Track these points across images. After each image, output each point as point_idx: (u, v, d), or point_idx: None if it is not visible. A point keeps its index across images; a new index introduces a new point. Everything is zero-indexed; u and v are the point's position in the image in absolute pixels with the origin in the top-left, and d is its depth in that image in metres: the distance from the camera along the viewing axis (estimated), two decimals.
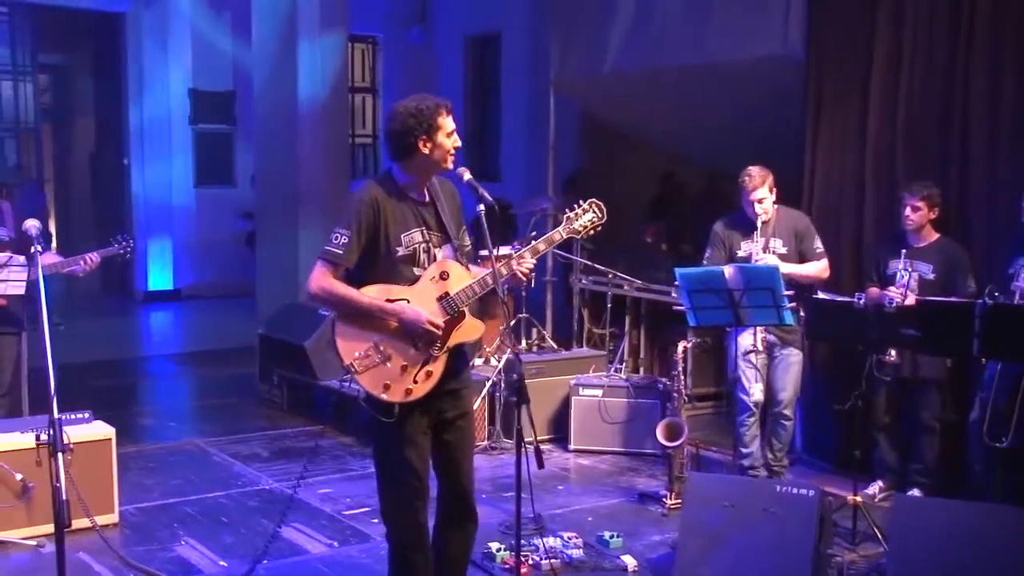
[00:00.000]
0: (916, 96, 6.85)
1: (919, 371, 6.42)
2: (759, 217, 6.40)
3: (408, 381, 4.16)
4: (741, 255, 6.44)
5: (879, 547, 5.71)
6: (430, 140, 4.18)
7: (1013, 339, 5.37)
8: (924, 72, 6.81)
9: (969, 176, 6.62)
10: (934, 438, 6.52)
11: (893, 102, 6.95)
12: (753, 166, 6.45)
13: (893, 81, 6.95)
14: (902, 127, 6.92)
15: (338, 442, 7.96)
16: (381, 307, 4.14)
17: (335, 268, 4.15)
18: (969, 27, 6.54)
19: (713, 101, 8.40)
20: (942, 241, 6.45)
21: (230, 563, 5.55)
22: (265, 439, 8.01)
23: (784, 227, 6.49)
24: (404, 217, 4.23)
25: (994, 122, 6.49)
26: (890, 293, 6.15)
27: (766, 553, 5.08)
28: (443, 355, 4.22)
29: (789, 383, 6.51)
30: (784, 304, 5.86)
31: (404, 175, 4.28)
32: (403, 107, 4.22)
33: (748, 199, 6.42)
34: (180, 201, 15.00)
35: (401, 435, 4.21)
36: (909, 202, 6.37)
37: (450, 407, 4.33)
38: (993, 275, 6.20)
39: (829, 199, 7.23)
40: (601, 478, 7.15)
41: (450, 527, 4.42)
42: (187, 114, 15.14)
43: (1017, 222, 5.97)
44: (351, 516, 6.31)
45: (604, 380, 7.79)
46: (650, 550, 5.78)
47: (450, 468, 4.37)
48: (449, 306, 4.22)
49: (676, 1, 8.39)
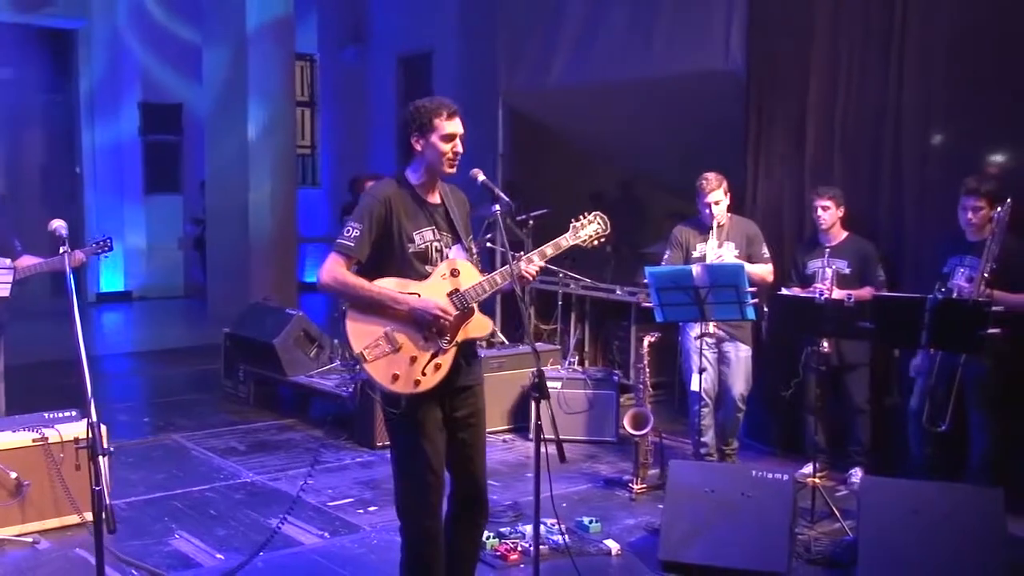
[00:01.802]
0: (852, 107, 6.81)
1: (847, 358, 6.40)
2: (714, 219, 6.26)
3: (417, 372, 3.90)
4: (696, 256, 6.32)
5: (835, 523, 5.63)
6: (423, 138, 3.96)
7: (957, 331, 5.32)
8: (859, 85, 6.77)
9: (902, 182, 6.59)
10: (867, 419, 6.51)
11: (830, 114, 6.90)
12: (710, 172, 6.32)
13: (830, 94, 6.90)
14: (839, 137, 6.87)
15: (309, 435, 7.63)
16: (393, 296, 3.89)
17: (347, 260, 3.90)
18: (901, 42, 6.52)
19: (657, 114, 8.25)
20: (852, 238, 6.46)
21: (227, 555, 5.21)
22: (238, 433, 7.63)
23: (737, 232, 6.38)
24: (416, 215, 4.00)
25: (924, 131, 6.49)
26: (818, 287, 6.09)
27: (746, 534, 4.99)
28: (452, 349, 3.97)
29: (740, 376, 6.39)
30: (747, 300, 5.77)
31: (414, 174, 4.05)
32: (412, 104, 3.98)
33: (704, 201, 6.29)
34: (130, 207, 14.45)
35: (418, 431, 3.95)
36: (819, 203, 6.41)
37: (463, 405, 4.09)
38: (923, 273, 6.18)
39: (770, 207, 7.15)
40: (565, 466, 6.84)
41: (462, 522, 4.17)
42: (137, 125, 14.57)
43: (952, 224, 5.91)
44: (336, 507, 6.00)
45: (563, 373, 7.59)
46: (627, 533, 5.59)
47: (465, 465, 4.11)
48: (459, 301, 3.97)
49: (621, 18, 8.24)
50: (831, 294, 5.96)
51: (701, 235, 6.37)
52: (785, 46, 7.11)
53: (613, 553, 5.26)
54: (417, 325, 3.91)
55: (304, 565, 5.13)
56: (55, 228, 3.71)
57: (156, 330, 12.82)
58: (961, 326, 5.29)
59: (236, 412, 8.27)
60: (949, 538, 4.78)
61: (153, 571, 5.00)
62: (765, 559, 4.91)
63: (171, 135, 14.89)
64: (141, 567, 5.02)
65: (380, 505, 6.02)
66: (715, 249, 6.25)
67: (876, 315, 5.52)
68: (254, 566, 5.02)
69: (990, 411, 5.76)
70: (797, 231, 7.04)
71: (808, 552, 5.24)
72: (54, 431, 5.54)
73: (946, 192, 6.08)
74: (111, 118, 14.38)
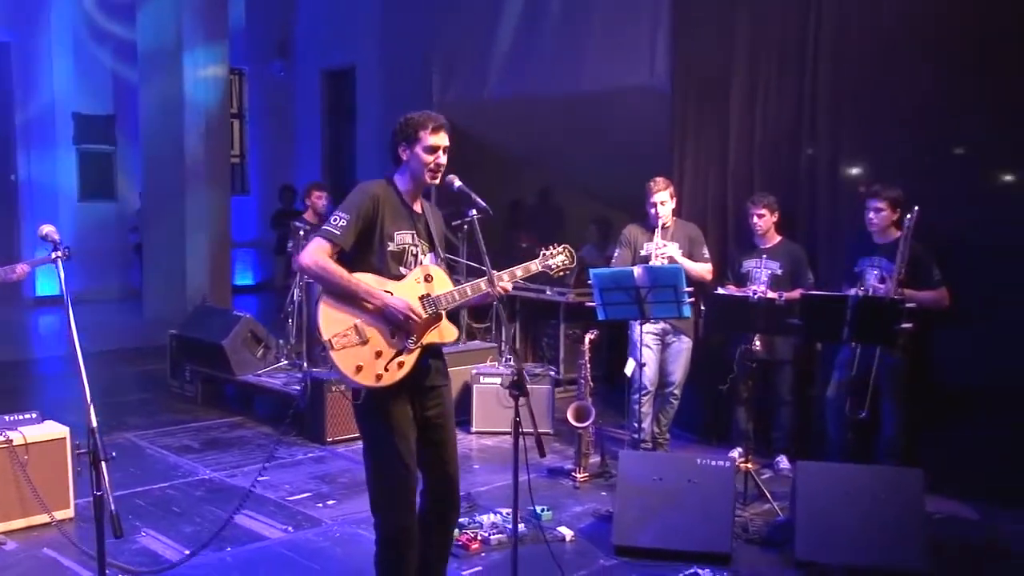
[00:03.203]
0: (770, 121, 6.89)
1: (775, 354, 6.45)
2: (660, 219, 6.26)
3: (380, 367, 3.78)
4: (644, 254, 6.34)
5: (766, 504, 5.67)
6: (409, 149, 3.89)
7: (875, 327, 5.41)
8: (776, 99, 6.86)
9: (816, 189, 6.69)
10: (791, 409, 6.59)
11: (750, 126, 6.97)
12: (659, 176, 6.37)
13: (749, 107, 6.97)
14: (758, 148, 6.93)
15: (259, 432, 7.42)
16: (368, 289, 3.78)
17: (332, 246, 3.78)
18: (814, 58, 6.60)
19: (586, 127, 8.21)
20: (784, 242, 6.53)
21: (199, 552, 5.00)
22: (190, 431, 7.37)
23: (681, 234, 6.42)
24: (400, 217, 3.91)
25: (837, 142, 6.60)
26: (752, 288, 6.14)
27: (692, 518, 5.01)
28: (417, 350, 3.87)
29: (679, 367, 6.43)
30: (684, 300, 5.77)
31: (400, 180, 3.97)
32: (403, 116, 3.87)
33: (651, 201, 6.30)
34: (66, 214, 13.89)
35: (390, 428, 3.84)
36: (754, 211, 6.47)
37: (433, 404, 3.99)
38: (836, 272, 6.28)
39: (695, 213, 7.17)
40: (508, 457, 6.74)
41: (435, 517, 4.06)
42: (71, 135, 14.02)
43: (861, 227, 6.01)
44: (296, 502, 5.83)
45: (502, 369, 7.50)
46: (577, 520, 5.55)
47: (437, 464, 4.01)
48: (429, 306, 3.87)
49: (552, 35, 8.21)
50: (765, 293, 6.01)
51: (648, 234, 6.39)
52: (707, 63, 7.16)
53: (567, 540, 5.21)
54: (387, 322, 3.81)
55: (272, 559, 4.96)
56: (47, 234, 3.48)
57: (95, 332, 12.30)
58: (879, 322, 5.39)
59: (185, 411, 8.00)
60: (876, 516, 4.86)
61: (126, 568, 4.77)
62: (710, 541, 4.93)
63: (105, 145, 14.35)
64: (112, 565, 4.77)
65: (338, 499, 5.87)
66: (661, 247, 6.25)
67: (804, 313, 5.59)
68: (224, 562, 4.84)
69: (900, 400, 5.88)
70: (722, 234, 7.09)
71: (746, 532, 5.27)
72: (18, 433, 5.29)
73: (855, 199, 6.19)
74: (46, 128, 13.81)
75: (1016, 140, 5.81)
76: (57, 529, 5.15)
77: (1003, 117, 5.80)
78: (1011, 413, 5.74)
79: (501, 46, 8.50)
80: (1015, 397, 5.72)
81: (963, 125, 5.98)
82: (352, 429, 7.02)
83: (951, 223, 5.79)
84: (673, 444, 6.84)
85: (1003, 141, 5.87)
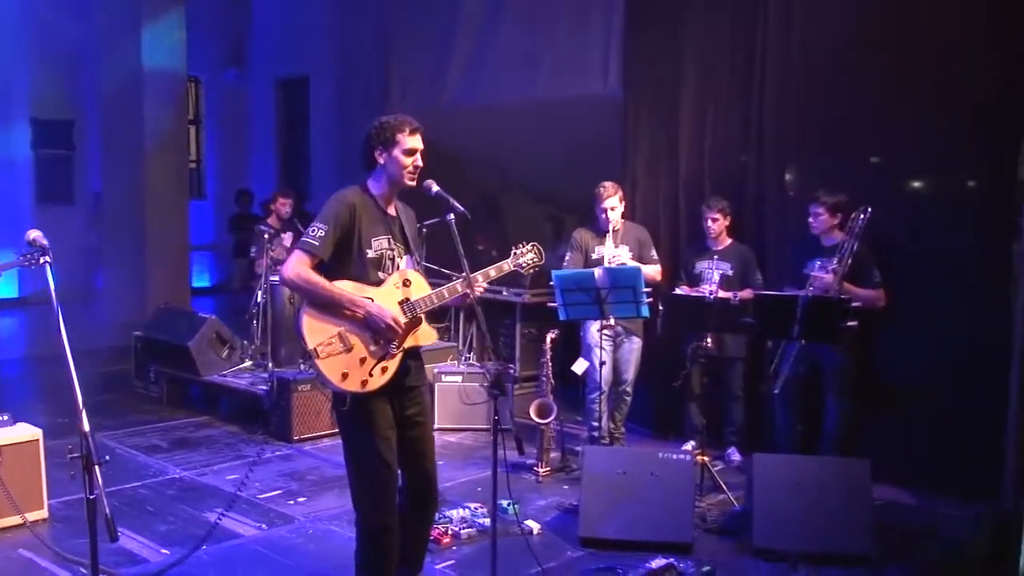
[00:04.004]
0: (719, 129, 6.94)
1: (726, 351, 6.49)
2: (610, 223, 6.27)
3: (365, 373, 3.76)
4: (595, 258, 6.32)
5: (721, 495, 5.70)
6: (386, 152, 3.84)
7: (823, 325, 5.47)
8: (725, 107, 6.91)
9: (765, 194, 6.75)
10: (742, 404, 6.64)
11: (700, 134, 7.02)
12: (608, 181, 6.36)
13: (700, 115, 7.01)
14: (708, 154, 6.98)
15: (225, 431, 7.30)
16: (351, 299, 3.74)
17: (311, 258, 3.73)
18: (762, 71, 6.67)
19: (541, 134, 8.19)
20: (735, 244, 6.58)
21: (172, 550, 4.91)
22: (158, 431, 7.22)
23: (631, 237, 6.42)
24: (376, 224, 3.87)
25: (782, 149, 6.65)
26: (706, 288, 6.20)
27: (655, 509, 5.02)
28: (399, 354, 3.84)
29: (632, 366, 6.44)
30: (643, 300, 5.79)
31: (376, 185, 3.92)
32: (376, 120, 3.82)
33: (601, 207, 6.30)
34: (24, 216, 13.53)
35: (371, 429, 3.81)
36: (709, 215, 6.50)
37: (412, 404, 3.97)
38: (784, 273, 6.34)
39: (648, 216, 7.20)
40: (471, 452, 6.82)
41: (415, 512, 4.03)
42: (28, 140, 13.67)
43: (807, 230, 6.08)
44: (267, 499, 5.74)
45: (463, 368, 7.48)
46: (542, 513, 5.53)
47: (416, 461, 3.98)
48: (409, 310, 3.85)
49: (508, 45, 8.18)
50: (717, 292, 6.08)
51: (598, 238, 6.38)
52: (659, 73, 7.19)
53: (535, 532, 5.19)
54: (370, 329, 3.78)
55: (248, 556, 4.87)
56: (34, 239, 3.37)
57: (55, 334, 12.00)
58: (826, 320, 5.46)
59: (151, 411, 7.84)
60: (827, 504, 4.92)
61: (103, 569, 4.63)
62: (673, 531, 4.95)
63: (63, 149, 14.01)
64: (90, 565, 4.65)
65: (308, 496, 5.80)
66: (612, 250, 6.26)
67: (757, 312, 5.65)
68: (200, 559, 4.74)
69: (843, 395, 5.96)
70: (674, 236, 7.13)
71: (705, 522, 5.30)
72: None
73: (801, 204, 6.25)
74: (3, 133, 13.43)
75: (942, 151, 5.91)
76: (32, 531, 5.01)
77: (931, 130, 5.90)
78: (941, 406, 5.86)
79: (459, 54, 8.46)
80: (944, 392, 5.85)
81: (898, 136, 6.06)
82: (318, 427, 7.03)
83: (887, 228, 5.86)
84: (628, 439, 6.86)
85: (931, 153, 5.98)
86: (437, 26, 8.71)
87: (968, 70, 5.73)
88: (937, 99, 5.87)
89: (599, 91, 7.51)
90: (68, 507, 5.47)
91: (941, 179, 6.13)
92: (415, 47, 9.01)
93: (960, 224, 5.86)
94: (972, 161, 5.88)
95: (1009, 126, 5.61)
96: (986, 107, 5.69)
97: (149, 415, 7.71)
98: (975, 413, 5.75)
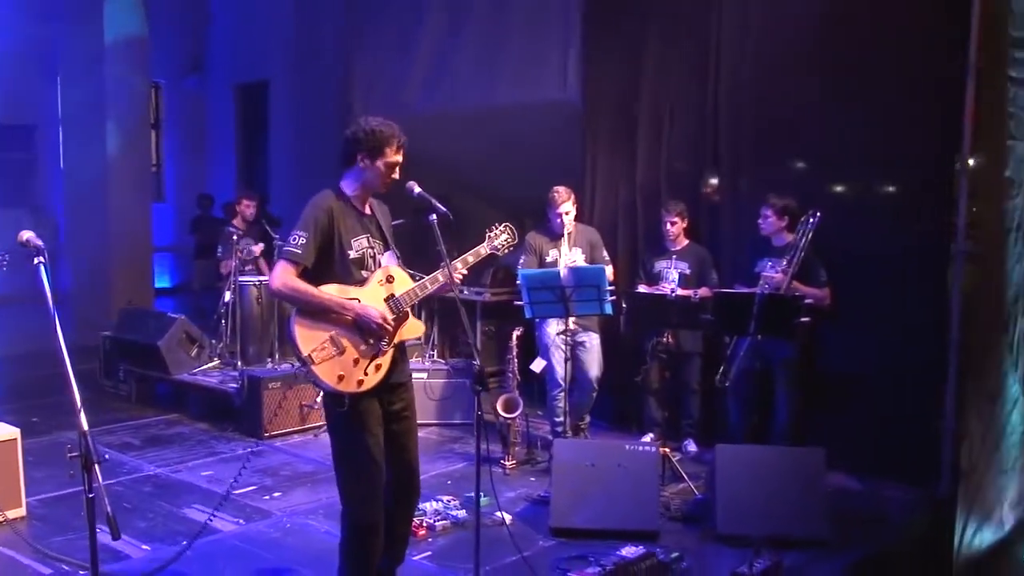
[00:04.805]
0: (676, 134, 6.96)
1: (683, 347, 6.52)
2: (564, 227, 6.26)
3: (360, 373, 3.72)
4: (549, 260, 6.30)
5: (681, 484, 5.73)
6: (369, 158, 3.78)
7: (777, 321, 5.53)
8: (681, 113, 6.94)
9: (719, 197, 6.78)
10: (698, 398, 6.67)
11: (657, 139, 7.03)
12: (560, 186, 6.32)
13: (656, 120, 7.03)
14: (665, 159, 7.00)
15: (197, 428, 7.16)
16: (340, 303, 3.70)
17: (296, 266, 3.67)
18: (715, 78, 6.70)
19: (502, 139, 8.12)
20: (692, 245, 6.61)
21: (153, 546, 4.81)
22: (129, 429, 7.07)
23: (583, 239, 6.41)
24: (354, 224, 3.82)
25: (736, 155, 6.71)
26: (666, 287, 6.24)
27: (623, 499, 5.04)
28: (390, 350, 3.80)
29: (594, 361, 6.44)
30: (606, 298, 5.78)
31: (350, 187, 3.85)
32: (365, 121, 3.80)
33: (556, 211, 6.28)
34: None
35: (361, 427, 3.76)
36: (667, 218, 6.52)
37: (398, 400, 3.93)
38: (737, 272, 6.39)
39: (606, 219, 7.22)
40: (438, 447, 6.78)
41: (398, 502, 3.98)
42: None
43: (757, 232, 6.14)
44: (243, 495, 5.64)
45: (428, 364, 7.42)
46: (512, 505, 5.51)
47: (400, 454, 3.93)
48: (395, 306, 3.83)
49: (469, 51, 8.10)
50: (678, 292, 6.09)
51: (552, 241, 6.36)
52: (616, 81, 7.19)
53: (507, 523, 5.15)
54: (359, 330, 3.74)
55: (228, 551, 4.79)
56: (27, 239, 3.24)
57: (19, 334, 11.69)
58: (780, 317, 5.52)
59: (121, 409, 7.68)
60: (785, 491, 4.99)
61: (84, 565, 4.52)
62: (641, 520, 4.97)
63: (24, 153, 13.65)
64: (72, 563, 4.54)
65: (283, 491, 5.72)
66: (567, 253, 6.25)
67: (716, 309, 5.69)
68: (183, 555, 4.63)
69: (792, 387, 6.02)
70: (632, 237, 7.15)
71: (668, 511, 5.32)
72: None
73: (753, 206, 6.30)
74: None
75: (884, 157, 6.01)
76: (11, 528, 4.86)
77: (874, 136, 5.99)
78: (884, 397, 5.96)
79: (420, 61, 8.36)
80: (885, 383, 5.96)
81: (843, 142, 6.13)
82: (288, 424, 6.95)
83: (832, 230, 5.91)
84: (591, 431, 6.86)
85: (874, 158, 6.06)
86: (399, 33, 8.60)
87: (907, 78, 5.85)
88: (879, 107, 5.97)
89: (558, 98, 7.47)
90: (45, 505, 5.36)
91: (883, 183, 6.24)
92: (376, 55, 8.88)
93: (900, 225, 5.96)
94: (911, 165, 5.98)
95: (943, 131, 5.73)
96: (923, 113, 5.81)
97: (119, 413, 7.55)
98: (915, 403, 5.88)
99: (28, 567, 4.54)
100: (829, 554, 4.79)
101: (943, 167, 5.82)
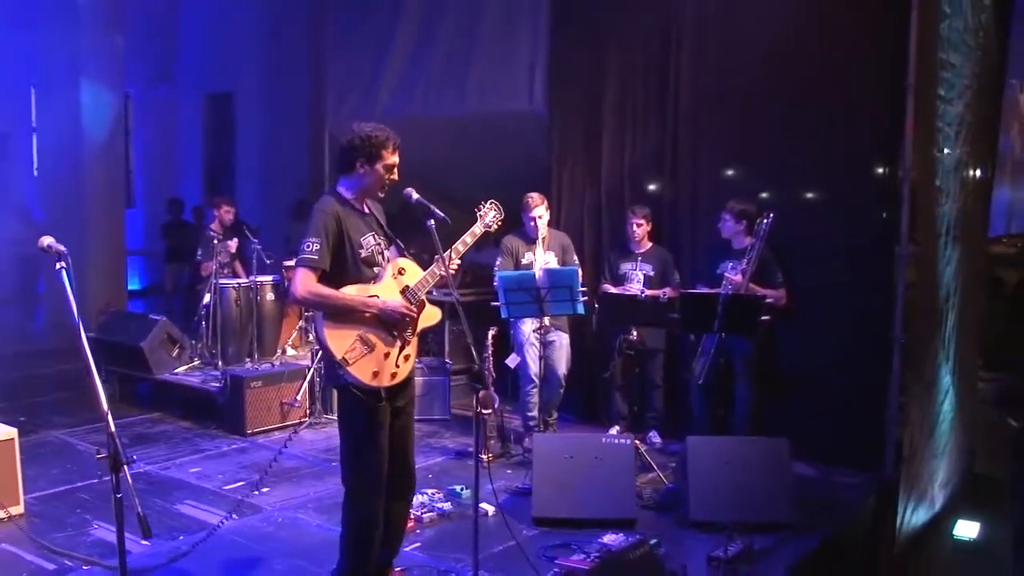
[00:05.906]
0: (638, 142, 6.98)
1: (648, 344, 6.54)
2: (538, 231, 6.25)
3: (392, 366, 3.73)
4: (525, 262, 6.29)
5: (651, 474, 5.75)
6: (368, 163, 3.75)
7: (740, 319, 5.58)
8: (643, 123, 6.97)
9: (678, 202, 6.83)
10: (662, 392, 6.69)
11: (620, 148, 7.06)
12: (534, 192, 6.31)
13: (620, 130, 7.05)
14: (628, 167, 7.02)
15: (180, 426, 7.02)
16: (364, 301, 3.68)
17: (315, 272, 3.62)
18: (676, 89, 6.74)
19: (469, 147, 8.08)
20: (655, 247, 6.65)
21: (151, 541, 4.63)
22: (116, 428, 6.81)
23: (555, 243, 6.41)
24: (358, 224, 3.79)
25: (695, 162, 6.75)
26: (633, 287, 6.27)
27: (601, 490, 5.04)
28: (413, 338, 3.80)
29: (562, 359, 6.42)
30: (578, 298, 5.77)
31: (348, 191, 3.81)
32: (360, 128, 3.75)
33: (530, 215, 6.27)
34: None
35: (380, 423, 3.75)
36: (633, 220, 6.55)
37: (403, 395, 3.90)
38: (698, 273, 6.44)
39: (574, 223, 7.21)
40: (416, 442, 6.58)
41: (396, 493, 3.95)
42: None
43: (717, 234, 6.19)
44: (233, 490, 5.54)
45: None
46: (492, 496, 5.42)
47: (399, 448, 3.91)
48: (411, 296, 3.82)
49: (438, 61, 8.03)
50: (643, 292, 6.13)
51: (527, 245, 6.35)
52: (581, 90, 7.19)
53: (490, 514, 5.12)
54: (384, 324, 3.72)
55: (224, 545, 4.69)
56: (49, 244, 3.12)
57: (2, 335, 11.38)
58: (743, 316, 5.57)
59: None
60: (753, 479, 5.03)
61: (88, 560, 4.40)
62: (618, 508, 4.98)
63: None
64: (76, 557, 4.42)
65: (271, 486, 5.62)
66: (542, 256, 6.24)
67: (683, 308, 5.72)
68: (178, 550, 4.55)
69: (751, 381, 6.08)
70: (597, 241, 7.16)
71: (642, 499, 5.33)
72: None
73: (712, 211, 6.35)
74: None
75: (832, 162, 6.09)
76: (15, 524, 4.76)
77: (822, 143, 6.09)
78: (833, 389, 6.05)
79: (392, 69, 8.26)
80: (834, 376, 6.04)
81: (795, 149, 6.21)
82: (269, 421, 6.83)
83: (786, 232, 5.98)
84: (559, 426, 6.85)
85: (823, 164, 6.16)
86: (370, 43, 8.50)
87: (852, 89, 5.95)
88: (827, 115, 6.08)
89: (526, 108, 7.45)
90: (41, 502, 5.22)
91: (831, 187, 6.31)
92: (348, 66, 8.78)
93: (847, 228, 6.06)
94: (858, 170, 6.09)
95: (886, 138, 5.85)
96: (868, 121, 5.93)
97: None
98: (862, 394, 6.00)
99: (31, 563, 4.42)
100: (796, 536, 4.85)
101: (888, 175, 5.95)
